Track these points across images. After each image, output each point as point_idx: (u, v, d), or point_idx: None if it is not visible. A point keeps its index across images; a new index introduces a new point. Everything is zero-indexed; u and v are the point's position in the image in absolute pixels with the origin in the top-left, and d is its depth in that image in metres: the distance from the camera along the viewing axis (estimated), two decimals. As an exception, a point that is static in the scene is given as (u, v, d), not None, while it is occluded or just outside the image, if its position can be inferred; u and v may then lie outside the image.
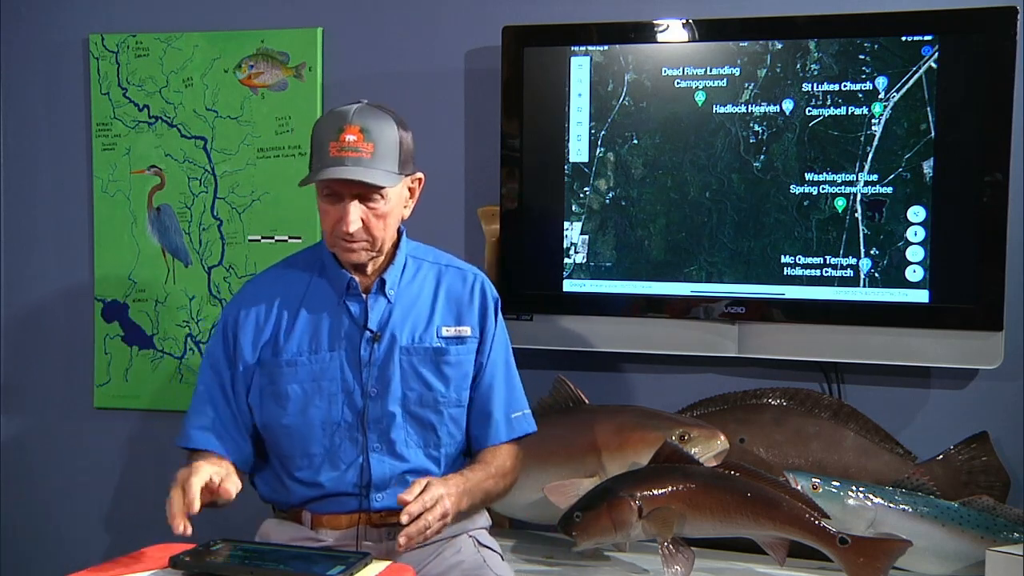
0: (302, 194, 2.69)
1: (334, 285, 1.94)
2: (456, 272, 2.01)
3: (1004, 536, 2.10)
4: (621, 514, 2.04)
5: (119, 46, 2.79)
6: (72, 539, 2.88)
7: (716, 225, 2.37)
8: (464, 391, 1.96)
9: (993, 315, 2.23)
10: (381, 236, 1.87)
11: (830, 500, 2.09)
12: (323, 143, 1.82)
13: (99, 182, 2.81)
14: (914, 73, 2.26)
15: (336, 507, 1.91)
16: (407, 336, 1.92)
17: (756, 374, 2.48)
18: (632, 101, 2.40)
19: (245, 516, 2.07)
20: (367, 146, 1.80)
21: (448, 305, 1.97)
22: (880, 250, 2.29)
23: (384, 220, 1.86)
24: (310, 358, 1.91)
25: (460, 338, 1.96)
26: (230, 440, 1.91)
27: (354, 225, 1.82)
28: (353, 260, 1.89)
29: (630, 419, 2.29)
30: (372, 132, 1.81)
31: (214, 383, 1.94)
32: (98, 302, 2.83)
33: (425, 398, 1.92)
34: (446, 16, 2.64)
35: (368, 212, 1.84)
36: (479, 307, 1.99)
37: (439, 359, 1.93)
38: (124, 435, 2.85)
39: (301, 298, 1.95)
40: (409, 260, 1.98)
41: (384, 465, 1.90)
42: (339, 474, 1.89)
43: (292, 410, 1.90)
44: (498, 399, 1.98)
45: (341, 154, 1.80)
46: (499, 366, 1.99)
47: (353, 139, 1.80)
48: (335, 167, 1.79)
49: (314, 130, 1.87)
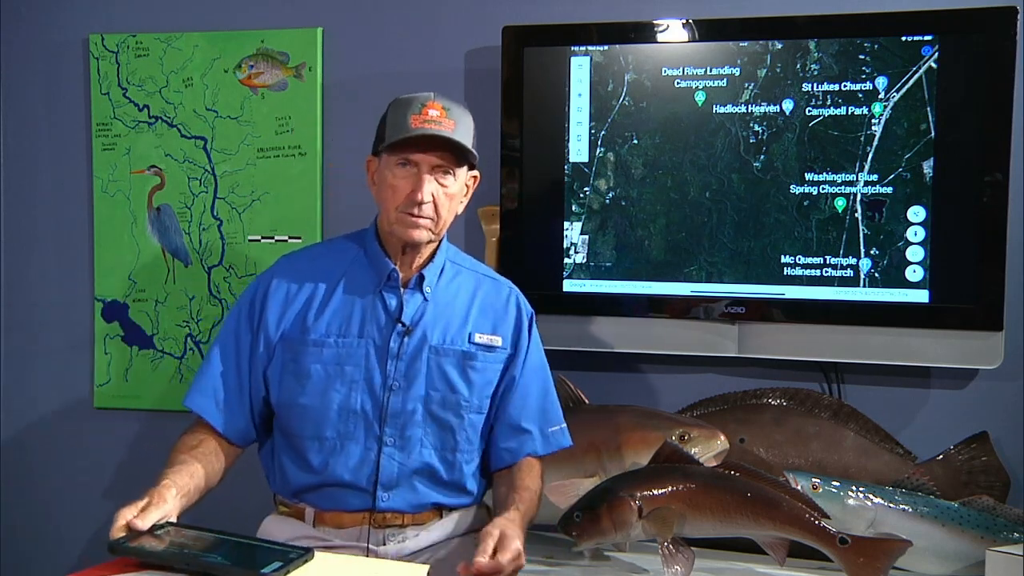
0: (302, 194, 2.70)
1: (375, 272, 1.94)
2: (492, 283, 2.03)
3: (1004, 536, 2.10)
4: (621, 514, 2.03)
5: (119, 46, 2.79)
6: (72, 539, 2.88)
7: (716, 225, 2.37)
8: (486, 399, 1.96)
9: (993, 315, 2.23)
10: (445, 218, 1.90)
11: (830, 500, 2.09)
12: (403, 116, 1.85)
13: (99, 182, 2.81)
14: (914, 73, 2.26)
15: (340, 503, 1.90)
16: (438, 336, 1.92)
17: (756, 374, 2.48)
18: (632, 101, 2.40)
19: (246, 513, 2.07)
20: (449, 122, 1.85)
21: (483, 313, 1.98)
22: (880, 250, 2.29)
23: (451, 201, 1.90)
24: (337, 341, 1.90)
25: (491, 347, 1.96)
26: (228, 412, 1.91)
27: (427, 196, 1.85)
28: (414, 237, 1.88)
29: (630, 419, 2.29)
30: (454, 112, 1.87)
31: (229, 350, 1.94)
32: (98, 302, 2.83)
33: (448, 400, 1.92)
34: (446, 16, 2.64)
35: (440, 189, 1.87)
36: (514, 320, 2.00)
37: (467, 363, 1.93)
38: (124, 435, 2.85)
39: (338, 280, 1.95)
40: (448, 263, 1.99)
41: (394, 463, 1.89)
42: (348, 463, 1.88)
43: (311, 390, 1.89)
44: (534, 412, 1.99)
45: (425, 124, 1.83)
46: (535, 379, 2.00)
47: (436, 114, 1.84)
48: (420, 132, 1.83)
49: (387, 112, 1.90)
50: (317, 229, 2.69)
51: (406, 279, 1.94)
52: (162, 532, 1.60)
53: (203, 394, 1.92)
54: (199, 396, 1.92)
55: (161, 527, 1.61)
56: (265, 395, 1.94)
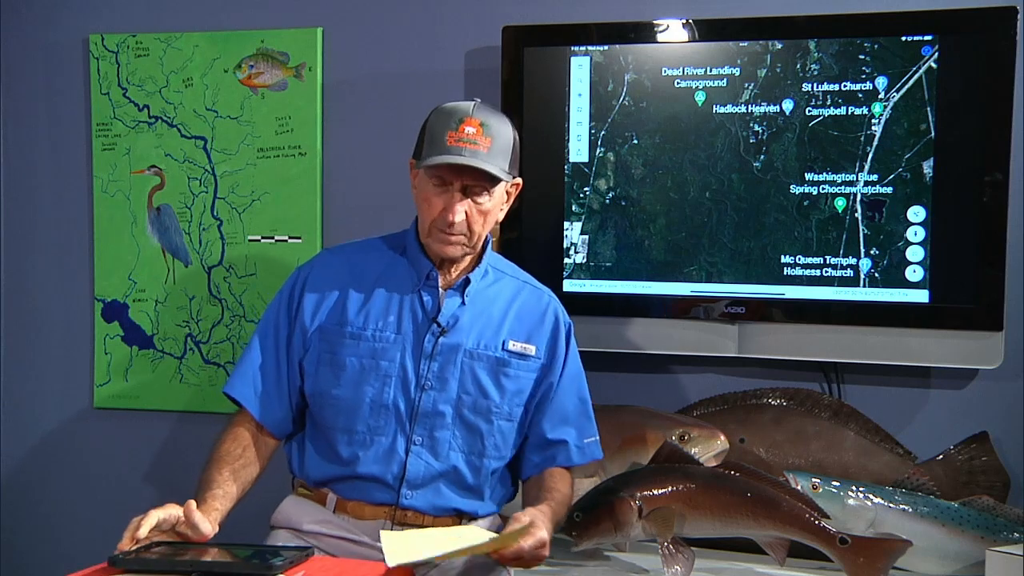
0: (302, 194, 2.70)
1: (415, 270, 1.95)
2: (532, 291, 2.03)
3: (1004, 536, 2.10)
4: (621, 514, 2.03)
5: (119, 46, 2.79)
6: (72, 539, 2.88)
7: (716, 225, 2.37)
8: (517, 407, 1.96)
9: (993, 315, 2.23)
10: (479, 232, 1.90)
11: (830, 500, 2.09)
12: (440, 131, 1.84)
13: (99, 182, 2.81)
14: (914, 73, 2.26)
15: (364, 495, 1.90)
16: (473, 340, 1.93)
17: (756, 374, 2.48)
18: (632, 101, 2.40)
19: (245, 515, 2.07)
20: (485, 140, 1.83)
21: (519, 321, 1.98)
22: (880, 250, 2.29)
23: (485, 217, 1.89)
24: (374, 335, 1.91)
25: (524, 355, 1.96)
26: (266, 400, 1.92)
27: (459, 216, 1.84)
28: (448, 254, 1.89)
29: (630, 419, 2.29)
30: (491, 128, 1.85)
31: (268, 340, 1.95)
32: (98, 302, 2.83)
33: (479, 404, 1.92)
34: (446, 16, 2.64)
35: (472, 207, 1.86)
36: (551, 330, 2.00)
37: (500, 369, 1.93)
38: (124, 435, 2.85)
39: (377, 276, 1.96)
40: (490, 269, 1.99)
41: (421, 462, 1.89)
42: (376, 458, 1.88)
43: (345, 381, 1.90)
44: (571, 424, 1.99)
45: (459, 144, 1.82)
46: (572, 390, 2.00)
47: (472, 131, 1.83)
48: (453, 155, 1.82)
49: (429, 120, 1.89)
50: (317, 229, 2.69)
51: (448, 282, 1.95)
52: (162, 548, 1.63)
53: (243, 382, 1.93)
54: (239, 383, 1.93)
55: (160, 544, 1.64)
56: (301, 384, 1.95)
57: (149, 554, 1.59)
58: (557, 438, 1.98)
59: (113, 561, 1.56)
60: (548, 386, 1.98)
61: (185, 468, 2.74)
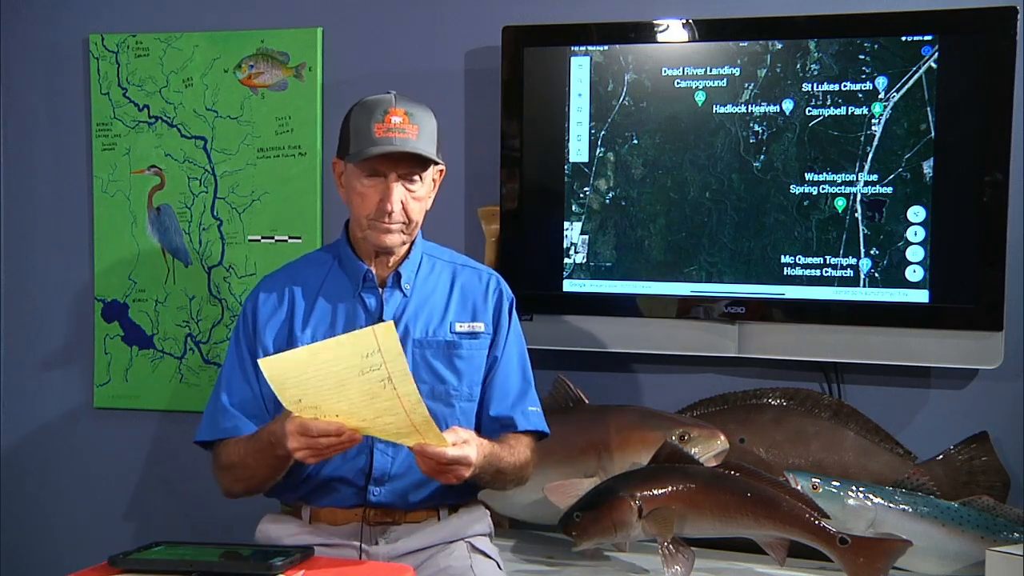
0: (302, 194, 2.70)
1: (351, 277, 1.97)
2: (471, 271, 2.04)
3: (1004, 536, 2.10)
4: (621, 514, 2.04)
5: (119, 46, 2.79)
6: (72, 539, 2.87)
7: (716, 225, 2.37)
8: (476, 386, 1.97)
9: (993, 315, 2.23)
10: (416, 219, 1.92)
11: (830, 500, 2.09)
12: (366, 125, 1.86)
13: (99, 182, 2.81)
14: (914, 73, 2.26)
15: (334, 499, 1.91)
16: (421, 329, 1.94)
17: (756, 374, 2.48)
18: (632, 101, 2.40)
19: (243, 516, 2.07)
20: (412, 128, 1.86)
21: (463, 302, 2.00)
22: (880, 250, 2.29)
23: (421, 203, 1.92)
24: None
25: (474, 334, 1.98)
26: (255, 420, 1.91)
27: (397, 204, 1.87)
28: (388, 243, 1.91)
29: (630, 419, 2.29)
30: (416, 116, 1.88)
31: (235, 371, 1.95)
32: (98, 302, 2.83)
33: (437, 391, 1.93)
34: (446, 16, 2.64)
35: (407, 194, 1.89)
36: (494, 305, 2.01)
37: (452, 352, 1.95)
38: (124, 435, 2.84)
39: (317, 289, 1.98)
40: (424, 257, 2.01)
41: (387, 457, 1.90)
42: (341, 458, 1.87)
43: None
44: (513, 393, 1.98)
45: (388, 134, 1.85)
46: (514, 362, 2.01)
47: (399, 120, 1.86)
48: (386, 145, 1.84)
49: (351, 116, 1.91)
50: (317, 229, 2.69)
51: (384, 278, 1.96)
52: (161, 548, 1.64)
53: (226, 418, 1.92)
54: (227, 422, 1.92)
55: (160, 544, 1.64)
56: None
57: (149, 554, 1.59)
58: (501, 406, 1.97)
59: (113, 561, 1.56)
60: (494, 357, 1.99)
61: (185, 468, 2.74)
